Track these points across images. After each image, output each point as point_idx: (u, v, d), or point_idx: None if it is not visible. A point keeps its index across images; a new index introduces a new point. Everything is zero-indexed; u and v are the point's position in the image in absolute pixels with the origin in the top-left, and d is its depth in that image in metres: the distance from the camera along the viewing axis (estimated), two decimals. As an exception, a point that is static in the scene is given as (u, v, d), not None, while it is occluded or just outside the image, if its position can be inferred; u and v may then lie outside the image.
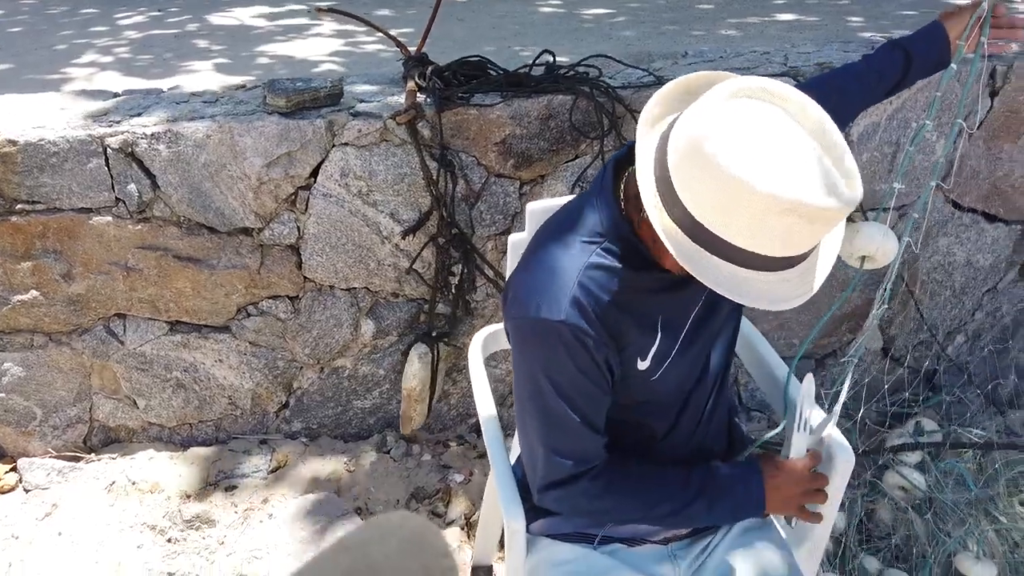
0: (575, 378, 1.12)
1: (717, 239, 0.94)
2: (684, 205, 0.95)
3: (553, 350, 1.10)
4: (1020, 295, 2.56)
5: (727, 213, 0.92)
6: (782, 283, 0.98)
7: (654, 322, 1.16)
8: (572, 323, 1.07)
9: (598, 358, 1.11)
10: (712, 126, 0.91)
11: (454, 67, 2.11)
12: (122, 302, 2.15)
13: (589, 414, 1.15)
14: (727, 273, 0.96)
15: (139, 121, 2.02)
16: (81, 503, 2.13)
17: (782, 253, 0.94)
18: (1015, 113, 2.29)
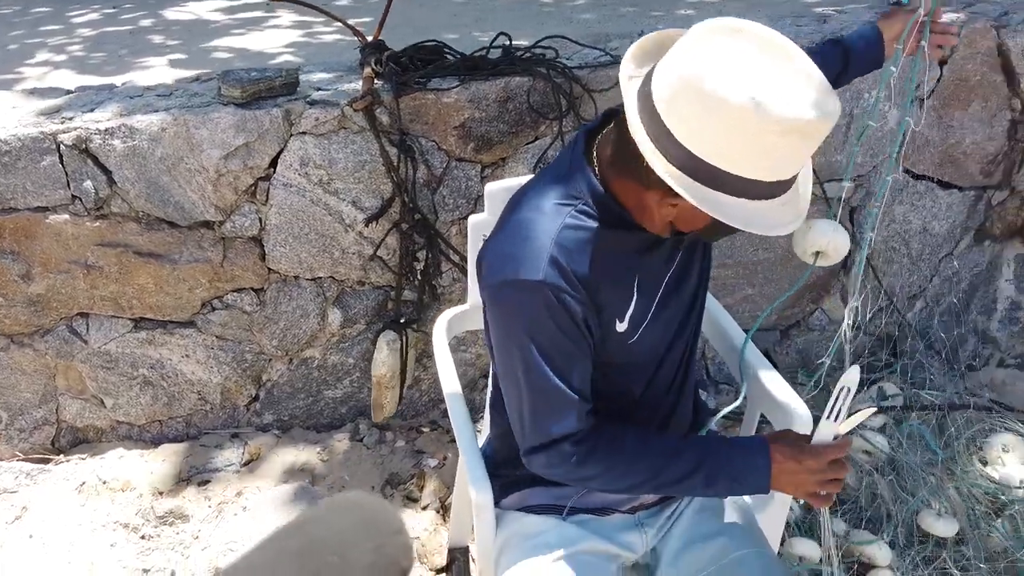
0: (556, 339, 1.11)
1: (720, 173, 0.97)
2: (685, 146, 0.98)
3: (534, 311, 1.10)
4: (976, 260, 2.62)
5: (731, 144, 0.96)
6: (782, 208, 1.03)
7: (630, 283, 1.17)
8: (552, 282, 1.08)
9: (578, 318, 1.11)
10: (703, 64, 0.95)
11: (410, 52, 2.11)
12: (84, 301, 2.13)
13: (571, 377, 1.15)
14: (735, 207, 0.99)
15: (92, 117, 1.99)
16: (51, 505, 2.11)
17: (779, 177, 0.99)
18: (964, 81, 2.34)
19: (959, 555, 1.89)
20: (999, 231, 2.59)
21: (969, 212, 2.53)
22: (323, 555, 0.43)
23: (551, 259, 1.08)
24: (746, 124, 0.93)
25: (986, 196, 2.52)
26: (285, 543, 0.44)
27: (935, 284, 2.61)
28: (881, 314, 2.60)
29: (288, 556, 0.43)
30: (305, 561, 0.43)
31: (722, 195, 0.99)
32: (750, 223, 1.00)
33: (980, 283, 2.66)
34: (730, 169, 0.97)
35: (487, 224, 1.56)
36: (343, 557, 0.43)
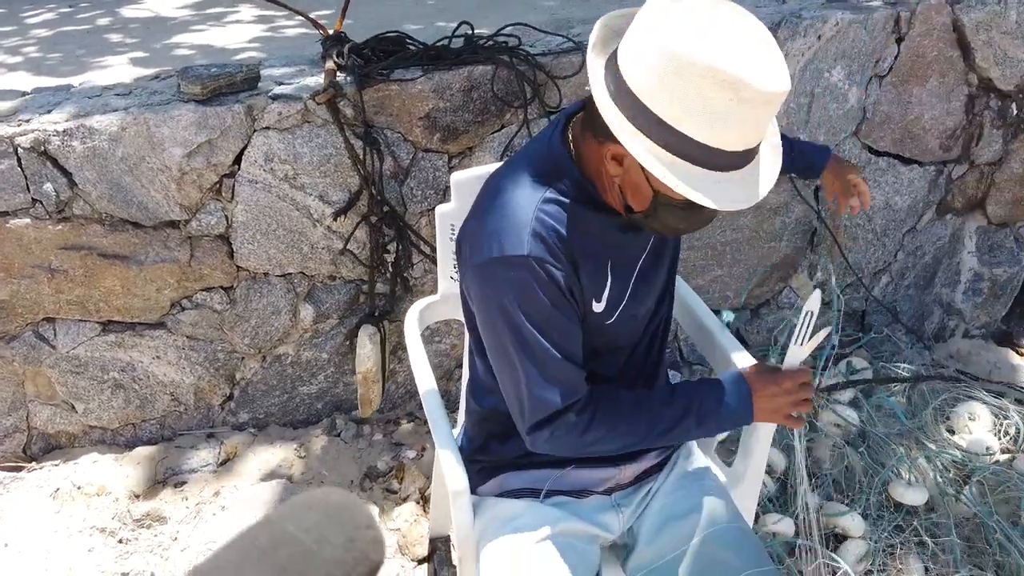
0: (547, 311, 1.13)
1: (663, 124, 0.99)
2: (631, 89, 1.00)
3: (522, 285, 1.11)
4: (938, 233, 2.66)
5: (674, 93, 0.97)
6: (741, 183, 1.04)
7: (604, 265, 1.19)
8: (537, 255, 1.10)
9: (564, 288, 1.13)
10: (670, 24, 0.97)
11: (372, 44, 2.10)
12: (49, 305, 2.10)
13: (566, 346, 1.16)
14: (674, 165, 1.01)
15: (50, 118, 1.96)
16: (25, 512, 2.09)
17: (723, 144, 1.00)
18: (921, 57, 2.38)
19: (929, 522, 1.94)
20: (960, 204, 2.64)
21: (930, 187, 2.57)
22: (291, 551, 0.43)
23: (533, 232, 1.10)
24: (692, 75, 0.95)
25: (946, 170, 2.57)
26: (252, 541, 0.44)
27: (900, 259, 2.66)
28: (850, 290, 2.65)
29: (255, 554, 0.43)
30: (273, 558, 0.42)
31: (662, 150, 1.01)
32: (686, 184, 1.01)
33: (943, 256, 2.71)
34: (673, 122, 0.98)
35: (455, 214, 1.56)
36: (312, 552, 0.43)
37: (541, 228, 1.11)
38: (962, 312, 2.77)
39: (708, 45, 0.95)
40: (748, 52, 0.96)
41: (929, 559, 1.89)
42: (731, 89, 0.95)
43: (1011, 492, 1.98)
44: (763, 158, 1.10)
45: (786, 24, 2.24)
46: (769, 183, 1.08)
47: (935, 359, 2.62)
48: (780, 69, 0.98)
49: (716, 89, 0.95)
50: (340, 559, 0.43)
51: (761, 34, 0.99)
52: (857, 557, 1.90)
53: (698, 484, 1.38)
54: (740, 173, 1.04)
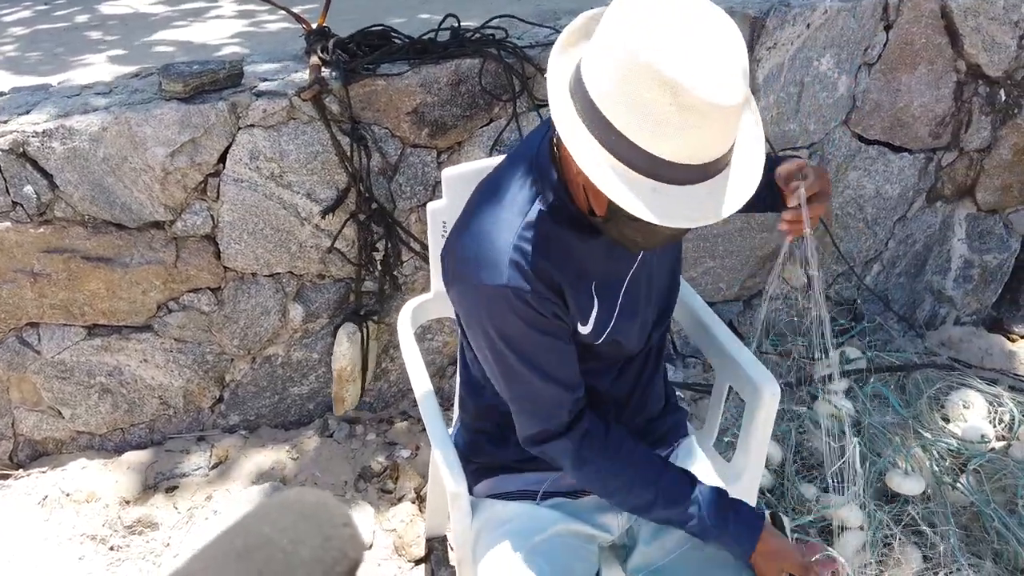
0: (528, 335, 1.12)
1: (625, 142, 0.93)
2: (599, 110, 0.94)
3: (501, 314, 1.10)
4: (929, 221, 2.66)
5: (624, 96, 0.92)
6: (690, 200, 0.96)
7: (588, 287, 1.16)
8: (514, 286, 1.08)
9: (548, 313, 1.12)
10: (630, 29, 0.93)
11: (357, 38, 2.07)
12: (33, 310, 2.06)
13: (551, 368, 1.15)
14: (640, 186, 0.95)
15: (28, 119, 1.92)
16: (13, 521, 2.05)
17: (681, 157, 0.93)
18: (909, 45, 2.37)
19: (927, 512, 1.93)
20: (950, 192, 2.64)
21: (920, 174, 2.57)
22: (267, 553, 0.42)
23: (511, 262, 1.08)
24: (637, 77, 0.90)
25: (936, 158, 2.56)
26: (227, 545, 0.43)
27: (891, 247, 2.66)
28: (842, 279, 2.64)
29: (230, 557, 0.42)
30: (249, 561, 0.42)
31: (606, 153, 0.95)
32: (622, 189, 0.94)
33: (934, 244, 2.71)
34: (617, 124, 0.93)
35: (446, 210, 1.54)
36: (288, 553, 0.42)
37: (520, 256, 1.08)
38: (953, 299, 2.77)
39: (657, 44, 0.90)
40: (700, 57, 0.90)
41: (927, 548, 1.89)
42: (670, 92, 0.89)
43: (1007, 480, 1.98)
44: (734, 177, 1.00)
45: (775, 12, 2.22)
46: (732, 205, 0.99)
47: (927, 347, 2.62)
48: (731, 80, 0.91)
49: (655, 91, 0.90)
50: (318, 558, 0.43)
51: (726, 41, 0.93)
52: (855, 548, 1.89)
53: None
54: (693, 189, 0.96)
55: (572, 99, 0.99)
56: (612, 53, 0.93)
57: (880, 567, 1.88)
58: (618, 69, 0.92)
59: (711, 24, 0.93)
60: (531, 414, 1.19)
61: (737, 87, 0.92)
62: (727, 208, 0.98)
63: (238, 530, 0.44)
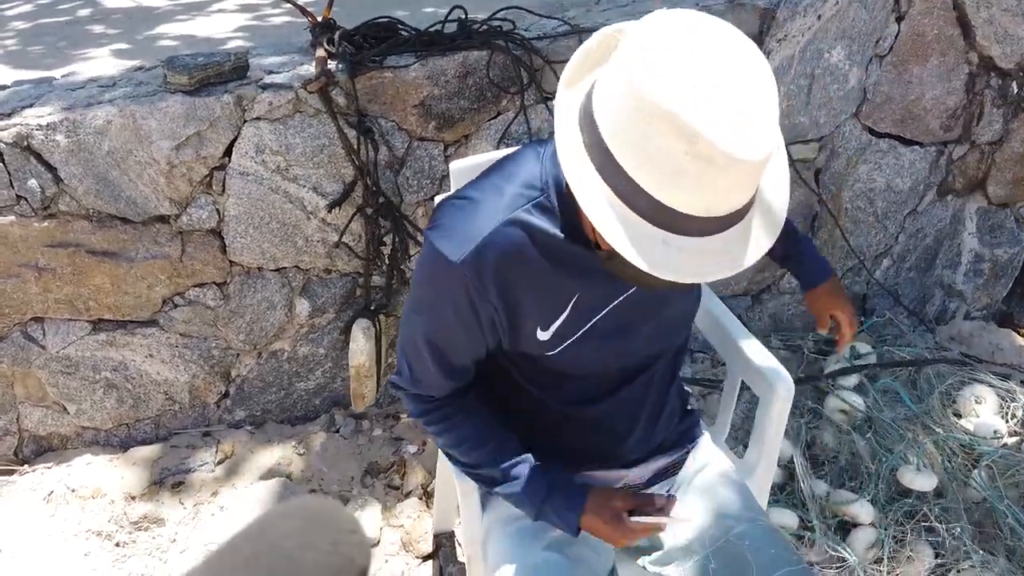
0: (448, 322, 1.11)
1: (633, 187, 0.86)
2: (609, 149, 0.87)
3: (439, 288, 1.09)
4: (939, 215, 2.64)
5: (627, 131, 0.85)
6: (695, 252, 0.89)
7: (566, 298, 1.11)
8: (464, 271, 1.05)
9: (481, 314, 1.09)
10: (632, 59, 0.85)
11: (363, 30, 2.04)
12: (37, 305, 2.05)
13: (451, 355, 1.15)
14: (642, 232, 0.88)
15: (32, 112, 1.90)
16: (19, 517, 2.04)
17: (694, 209, 0.86)
18: (921, 36, 2.34)
19: (939, 508, 1.92)
20: (961, 185, 2.61)
21: (931, 168, 2.54)
22: (274, 559, 0.42)
23: (479, 248, 1.04)
24: (651, 121, 0.82)
25: (947, 151, 2.54)
26: (234, 552, 0.43)
27: (901, 241, 2.63)
28: (851, 273, 2.62)
29: (238, 563, 0.42)
30: (256, 567, 0.41)
31: (611, 194, 0.88)
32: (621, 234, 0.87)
33: (944, 238, 2.69)
34: (627, 167, 0.86)
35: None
36: (296, 560, 0.42)
37: (491, 248, 1.04)
38: (963, 294, 2.75)
39: (675, 85, 0.81)
40: (724, 103, 0.81)
41: (939, 545, 1.87)
42: (686, 141, 0.81)
43: (1020, 476, 1.96)
44: (753, 227, 0.92)
45: (785, 4, 2.20)
46: (748, 259, 0.91)
47: (937, 342, 2.60)
48: (757, 132, 0.82)
49: (670, 137, 0.81)
50: (325, 564, 0.42)
51: (756, 85, 0.84)
52: (867, 544, 1.88)
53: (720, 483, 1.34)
54: (706, 241, 0.89)
55: (580, 131, 0.92)
56: (626, 88, 0.85)
57: (892, 563, 1.86)
58: (631, 106, 0.84)
59: (740, 64, 0.85)
60: (410, 372, 1.20)
61: (762, 140, 0.84)
62: (743, 261, 0.91)
63: (246, 536, 0.43)
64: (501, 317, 1.10)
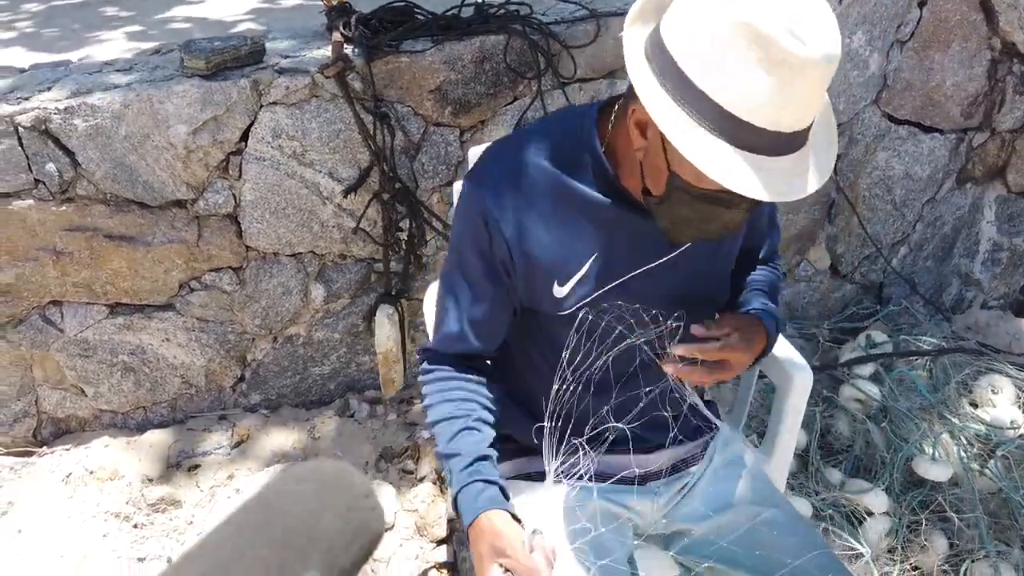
0: (470, 257, 1.13)
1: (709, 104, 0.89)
2: (682, 70, 0.91)
3: (462, 220, 1.12)
4: (958, 203, 2.61)
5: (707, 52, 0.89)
6: (773, 172, 0.92)
7: (586, 254, 1.12)
8: (484, 195, 1.08)
9: (495, 250, 1.10)
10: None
11: (379, 14, 2.03)
12: (55, 288, 2.06)
13: (467, 298, 1.16)
14: (721, 153, 0.91)
15: (50, 96, 1.90)
16: (38, 498, 2.06)
17: (769, 123, 0.89)
18: (943, 22, 2.31)
19: (954, 498, 1.91)
20: (980, 173, 2.58)
21: (951, 155, 2.52)
22: (288, 524, 0.41)
23: (499, 178, 1.09)
24: (724, 29, 0.87)
25: (967, 138, 2.51)
26: (248, 517, 0.42)
27: (919, 229, 2.61)
28: (868, 262, 2.61)
29: (251, 530, 0.41)
30: (270, 533, 0.41)
31: (686, 116, 0.91)
32: (701, 152, 0.90)
33: (962, 226, 2.66)
34: (701, 84, 0.89)
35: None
36: (310, 525, 0.41)
37: (512, 180, 1.08)
38: (980, 283, 2.73)
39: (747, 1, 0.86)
40: (792, 12, 0.86)
41: (954, 535, 1.87)
42: (761, 47, 0.85)
43: (1037, 466, 1.96)
44: (814, 153, 0.96)
45: (806, -11, 2.17)
46: (815, 181, 0.95)
47: (954, 331, 2.58)
48: (825, 34, 0.87)
49: (745, 47, 0.86)
50: (340, 529, 0.42)
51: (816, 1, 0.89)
52: (881, 534, 1.88)
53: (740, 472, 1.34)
54: (777, 161, 0.92)
55: (649, 63, 0.95)
56: (698, 12, 0.89)
57: (905, 553, 1.87)
58: (705, 27, 0.88)
59: None
60: (437, 324, 1.21)
61: (832, 40, 0.87)
62: (812, 183, 0.94)
63: (259, 501, 0.43)
64: (516, 260, 1.11)
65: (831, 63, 0.87)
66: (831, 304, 2.64)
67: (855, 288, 2.64)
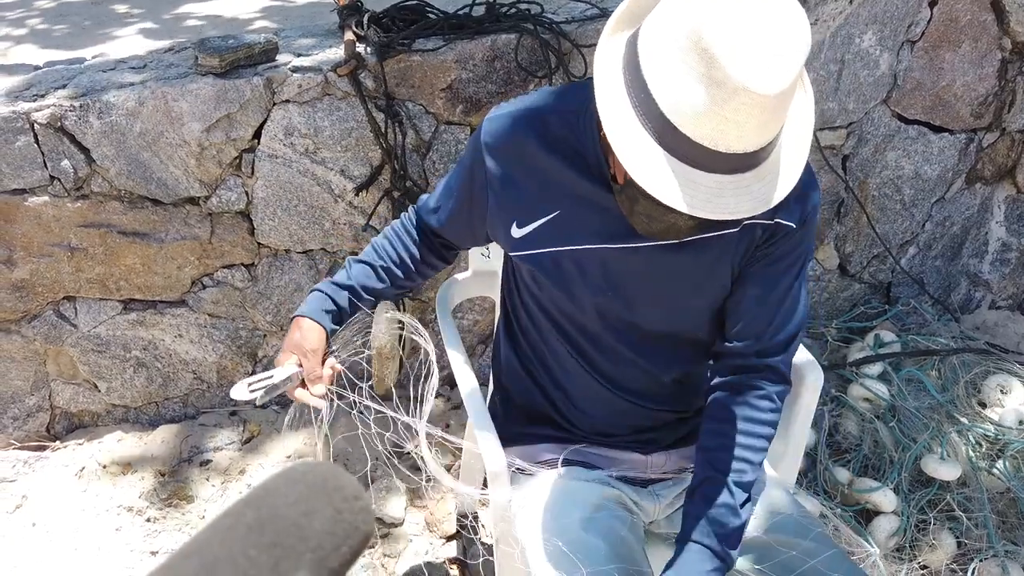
0: (460, 169, 1.24)
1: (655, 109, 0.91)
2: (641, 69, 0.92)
3: (472, 138, 1.21)
4: (967, 203, 2.61)
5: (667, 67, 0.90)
6: (705, 188, 0.92)
7: (550, 207, 1.16)
8: (484, 128, 1.17)
9: (476, 174, 1.19)
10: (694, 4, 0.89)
11: (392, 13, 2.04)
12: (70, 284, 2.08)
13: (446, 193, 1.28)
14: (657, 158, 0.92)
15: (65, 93, 1.92)
16: (52, 492, 2.08)
17: (704, 139, 0.89)
18: (954, 22, 2.31)
19: (962, 497, 1.92)
20: (990, 173, 2.58)
21: (960, 155, 2.52)
22: (279, 526, 0.42)
23: (501, 117, 1.16)
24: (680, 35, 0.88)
25: (977, 138, 2.51)
26: (238, 519, 0.42)
27: (928, 229, 2.61)
28: (876, 261, 2.61)
29: (240, 532, 0.42)
30: (261, 534, 0.41)
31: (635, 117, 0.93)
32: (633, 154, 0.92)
33: (971, 226, 2.66)
34: (651, 86, 0.91)
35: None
36: (300, 526, 0.42)
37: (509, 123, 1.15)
38: (989, 283, 2.73)
39: (711, 13, 0.86)
40: (751, 37, 0.85)
41: (962, 534, 1.87)
42: (705, 63, 0.86)
43: (1045, 466, 1.96)
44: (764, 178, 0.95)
45: (817, -12, 2.17)
46: (749, 208, 0.93)
47: (963, 331, 2.58)
48: (776, 70, 0.85)
49: (692, 58, 0.87)
50: (330, 530, 0.43)
51: (788, 32, 0.87)
52: (889, 532, 1.89)
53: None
54: (713, 178, 0.92)
55: (625, 49, 0.97)
56: (672, 16, 0.90)
57: (913, 552, 1.87)
58: (670, 33, 0.90)
59: (781, 11, 0.87)
60: (428, 194, 1.36)
61: (778, 78, 0.86)
62: (743, 208, 0.93)
63: (247, 504, 0.43)
64: (492, 189, 1.18)
65: (770, 95, 0.86)
66: (839, 303, 2.64)
67: (864, 287, 2.64)
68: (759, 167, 0.94)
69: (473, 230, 1.28)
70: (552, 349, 1.29)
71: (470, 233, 1.31)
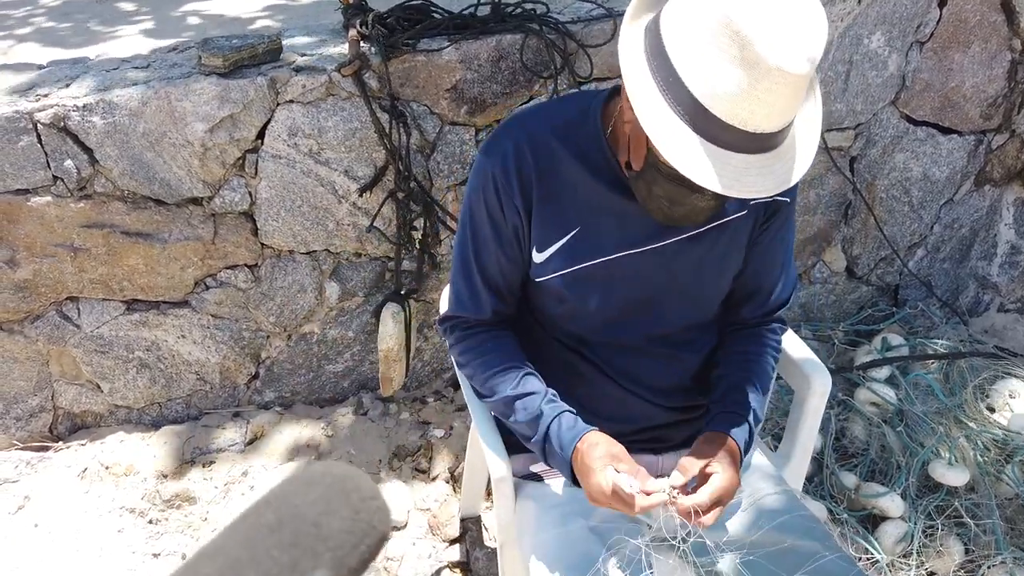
0: (482, 217, 1.18)
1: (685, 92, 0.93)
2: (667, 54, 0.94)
3: (474, 186, 1.18)
4: (976, 205, 2.59)
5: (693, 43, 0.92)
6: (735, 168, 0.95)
7: (570, 225, 1.16)
8: (492, 164, 1.14)
9: (506, 212, 1.16)
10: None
11: (396, 13, 2.03)
12: (73, 285, 2.07)
13: (481, 260, 1.20)
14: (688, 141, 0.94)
15: (68, 93, 1.91)
16: (54, 493, 2.08)
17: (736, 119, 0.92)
18: (963, 22, 2.29)
19: (970, 503, 1.90)
20: (999, 175, 2.56)
21: (969, 157, 2.49)
22: (298, 526, 0.42)
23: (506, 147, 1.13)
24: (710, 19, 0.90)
25: (986, 140, 2.49)
26: (257, 519, 0.43)
27: (936, 231, 2.59)
28: (884, 264, 2.59)
29: (261, 532, 0.42)
30: (280, 534, 0.42)
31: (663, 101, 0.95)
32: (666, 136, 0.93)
33: (980, 228, 2.64)
34: (680, 71, 0.93)
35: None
36: (319, 526, 0.43)
37: (517, 149, 1.13)
38: (997, 286, 2.71)
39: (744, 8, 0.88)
40: (779, 20, 0.88)
41: (970, 540, 1.85)
42: (738, 45, 0.88)
43: (1055, 472, 1.94)
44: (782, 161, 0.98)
45: (825, -12, 2.16)
46: (773, 185, 0.97)
47: (971, 334, 2.56)
48: (804, 50, 0.89)
49: (724, 41, 0.89)
50: (347, 530, 0.43)
51: (810, 15, 0.91)
52: (896, 538, 1.87)
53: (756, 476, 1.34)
54: (737, 158, 0.94)
55: (644, 41, 0.99)
56: (693, 1, 0.92)
57: (920, 558, 1.85)
58: (697, 18, 0.91)
59: None
60: (455, 295, 1.26)
61: (807, 57, 0.89)
62: (768, 186, 0.96)
63: (268, 503, 0.44)
64: (524, 223, 1.16)
65: (802, 74, 0.89)
66: (846, 306, 2.62)
67: (871, 290, 2.62)
68: (779, 148, 0.98)
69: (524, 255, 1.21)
70: (563, 357, 1.28)
71: (523, 260, 1.22)
